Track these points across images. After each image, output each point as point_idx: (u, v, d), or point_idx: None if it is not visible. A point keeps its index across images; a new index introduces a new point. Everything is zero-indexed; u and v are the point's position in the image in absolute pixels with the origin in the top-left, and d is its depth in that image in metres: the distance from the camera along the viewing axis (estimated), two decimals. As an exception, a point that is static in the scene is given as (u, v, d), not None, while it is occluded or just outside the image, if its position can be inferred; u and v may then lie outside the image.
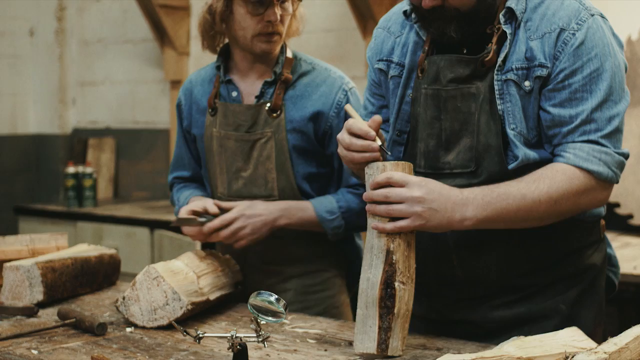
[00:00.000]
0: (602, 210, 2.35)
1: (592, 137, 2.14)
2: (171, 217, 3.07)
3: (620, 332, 1.88)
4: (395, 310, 2.06)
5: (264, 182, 2.83)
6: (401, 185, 2.07)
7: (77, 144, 6.80)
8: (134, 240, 5.57)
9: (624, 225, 4.43)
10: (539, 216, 2.13)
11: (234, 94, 2.89)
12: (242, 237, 2.72)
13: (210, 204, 2.74)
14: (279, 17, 2.77)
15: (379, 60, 2.45)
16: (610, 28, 2.22)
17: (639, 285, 3.53)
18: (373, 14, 4.81)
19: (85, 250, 2.90)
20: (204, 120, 2.93)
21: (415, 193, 2.06)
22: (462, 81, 2.23)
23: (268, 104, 2.83)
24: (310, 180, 2.86)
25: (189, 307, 2.40)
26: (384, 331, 2.07)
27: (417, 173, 2.24)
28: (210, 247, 3.04)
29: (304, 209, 2.80)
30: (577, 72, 2.14)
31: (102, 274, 2.87)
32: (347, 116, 2.44)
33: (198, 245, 4.91)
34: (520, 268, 2.27)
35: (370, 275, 2.09)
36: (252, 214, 2.73)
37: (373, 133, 2.13)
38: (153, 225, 5.50)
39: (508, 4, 2.20)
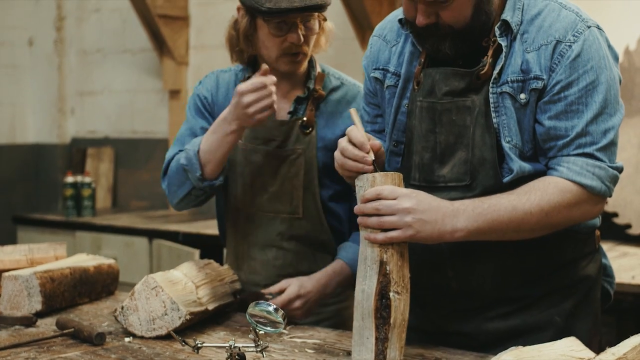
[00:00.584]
0: (597, 221, 2.35)
1: (587, 150, 2.14)
2: (170, 227, 3.02)
3: (618, 341, 1.89)
4: (391, 321, 2.06)
5: (290, 199, 2.79)
6: (392, 199, 2.07)
7: (75, 153, 6.81)
8: (132, 250, 5.57)
9: (622, 235, 4.43)
10: (530, 228, 2.12)
11: None
12: (296, 316, 2.69)
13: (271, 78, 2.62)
14: (302, 38, 2.69)
15: (375, 69, 2.44)
16: (606, 40, 2.22)
17: (637, 294, 3.52)
18: (371, 23, 4.82)
19: (84, 260, 2.90)
20: None
21: (405, 204, 2.06)
22: (458, 94, 2.23)
23: (301, 121, 2.78)
24: (335, 199, 2.83)
25: (188, 317, 2.40)
26: (381, 342, 2.06)
27: (411, 186, 2.24)
28: (208, 257, 3.04)
29: (340, 272, 2.76)
30: (573, 84, 2.14)
31: (101, 283, 2.87)
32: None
33: (197, 255, 4.91)
34: (515, 279, 2.27)
35: (365, 287, 2.08)
36: (305, 292, 2.70)
37: (368, 146, 2.13)
38: (152, 234, 5.50)
39: (503, 16, 2.20)
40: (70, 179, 6.08)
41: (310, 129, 2.77)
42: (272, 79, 2.63)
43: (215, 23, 6.05)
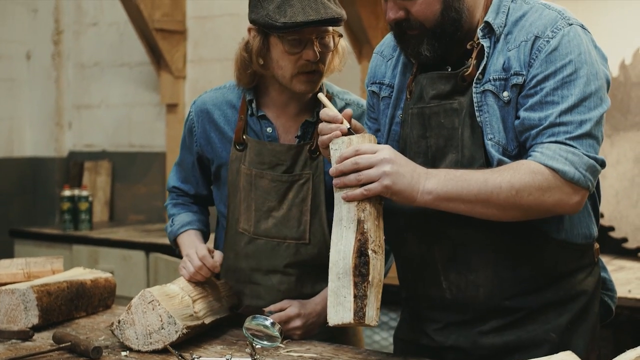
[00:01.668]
0: (594, 231, 2.34)
1: (560, 138, 2.12)
2: (167, 241, 3.04)
3: (615, 355, 1.89)
4: (370, 278, 2.05)
5: (297, 224, 2.75)
6: (371, 152, 2.11)
7: (73, 167, 6.81)
8: (129, 264, 5.57)
9: (618, 248, 4.43)
10: (499, 203, 2.11)
11: (269, 130, 2.77)
12: (295, 336, 2.67)
13: (217, 256, 2.70)
14: (318, 55, 2.62)
15: (372, 83, 2.50)
16: (591, 39, 2.23)
17: (633, 308, 3.53)
18: (368, 38, 4.83)
19: (81, 273, 2.90)
20: (227, 151, 2.82)
21: (384, 155, 2.10)
22: (444, 97, 2.26)
23: (309, 145, 2.74)
24: None
25: (184, 331, 2.40)
26: (360, 299, 2.04)
27: None
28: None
29: None
30: (550, 77, 2.14)
31: (98, 297, 2.87)
32: (322, 105, 2.39)
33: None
34: (510, 290, 2.26)
35: (342, 247, 2.09)
36: (306, 313, 2.70)
37: (340, 117, 2.22)
38: (148, 248, 5.50)
39: (486, 18, 2.24)
40: (67, 192, 6.08)
41: (318, 153, 2.73)
42: (215, 265, 2.67)
43: (212, 37, 6.07)
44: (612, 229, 4.42)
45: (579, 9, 4.51)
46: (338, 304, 2.06)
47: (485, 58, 2.22)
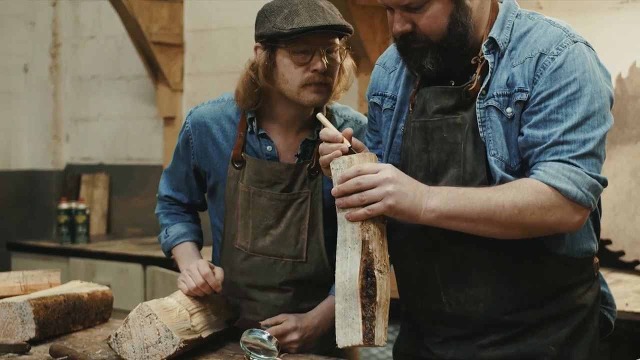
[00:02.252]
0: (594, 247, 2.34)
1: (564, 157, 2.12)
2: (163, 254, 3.06)
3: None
4: (377, 299, 2.05)
5: (294, 242, 2.75)
6: (373, 172, 2.11)
7: (70, 180, 6.81)
8: (126, 277, 5.56)
9: (615, 262, 4.43)
10: (501, 222, 2.11)
11: (269, 148, 2.76)
12: (292, 349, 2.67)
13: (219, 273, 2.68)
14: (325, 65, 2.60)
15: (374, 95, 2.50)
16: (595, 57, 2.23)
17: (631, 322, 3.52)
18: (365, 51, 4.85)
19: (78, 287, 2.90)
20: (224, 167, 2.82)
21: (387, 174, 2.10)
22: (447, 112, 2.26)
23: (308, 164, 2.74)
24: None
25: (182, 344, 2.39)
26: (369, 320, 2.05)
27: None
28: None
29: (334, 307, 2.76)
30: (554, 94, 2.14)
31: (95, 310, 2.87)
32: (321, 125, 2.38)
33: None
34: (509, 304, 2.26)
35: (347, 268, 2.09)
36: (303, 327, 2.69)
37: (340, 136, 2.22)
38: (146, 261, 5.49)
39: (491, 34, 2.24)
40: (64, 205, 6.08)
41: (317, 172, 2.73)
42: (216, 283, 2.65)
43: (210, 50, 6.08)
44: (609, 242, 4.42)
45: (575, 23, 4.51)
46: (347, 326, 2.07)
47: (490, 74, 2.22)
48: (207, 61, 6.08)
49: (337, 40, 2.65)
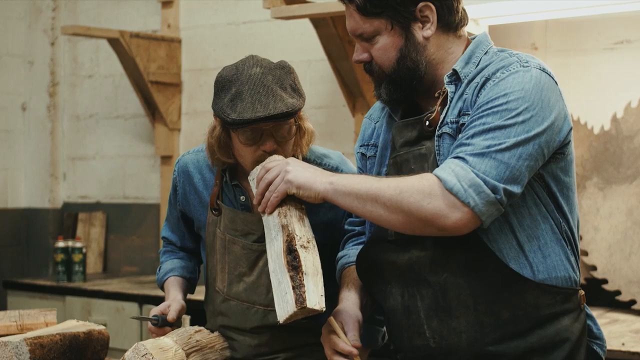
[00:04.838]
0: (574, 276, 2.32)
1: (460, 154, 2.15)
2: (161, 293, 3.10)
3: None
4: (304, 269, 2.19)
5: (266, 291, 2.77)
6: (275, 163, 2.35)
7: (67, 218, 6.81)
8: (123, 316, 5.54)
9: (611, 301, 4.42)
10: (384, 202, 2.16)
11: (242, 198, 2.81)
12: None
13: (172, 310, 2.81)
14: (275, 147, 2.62)
15: (361, 146, 2.59)
16: (550, 79, 2.23)
17: (627, 362, 3.52)
18: (362, 91, 4.87)
19: (74, 326, 2.90)
20: (204, 214, 2.89)
21: (286, 160, 2.34)
22: (412, 144, 2.34)
23: None
24: None
25: (178, 384, 2.39)
26: (298, 288, 2.17)
27: (388, 241, 2.35)
28: (199, 324, 3.04)
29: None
30: (482, 105, 2.19)
31: (91, 350, 2.86)
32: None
33: (187, 321, 4.89)
34: (491, 334, 2.25)
35: (273, 252, 2.26)
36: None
37: (356, 351, 2.29)
38: (142, 300, 5.48)
39: (454, 66, 2.30)
40: (61, 243, 6.07)
41: None
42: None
43: (207, 89, 6.10)
44: (605, 281, 4.42)
45: (570, 64, 4.56)
46: (283, 302, 2.19)
47: (449, 102, 2.29)
48: (205, 100, 6.10)
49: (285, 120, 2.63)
